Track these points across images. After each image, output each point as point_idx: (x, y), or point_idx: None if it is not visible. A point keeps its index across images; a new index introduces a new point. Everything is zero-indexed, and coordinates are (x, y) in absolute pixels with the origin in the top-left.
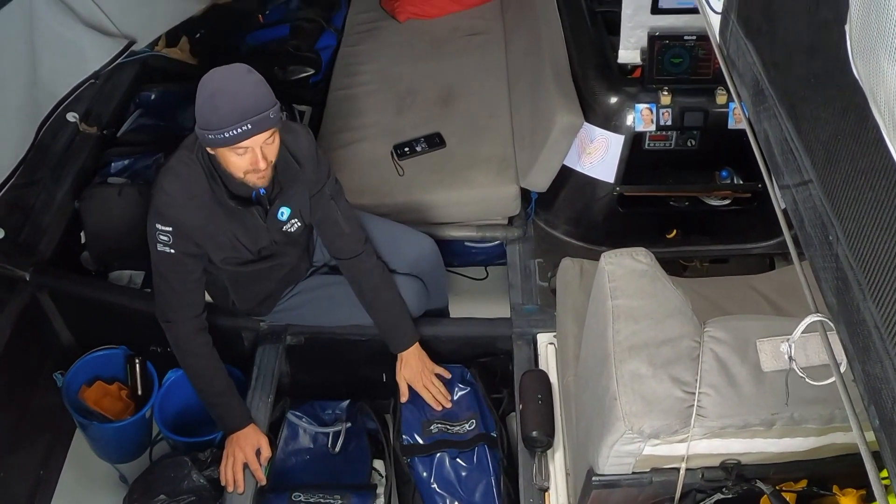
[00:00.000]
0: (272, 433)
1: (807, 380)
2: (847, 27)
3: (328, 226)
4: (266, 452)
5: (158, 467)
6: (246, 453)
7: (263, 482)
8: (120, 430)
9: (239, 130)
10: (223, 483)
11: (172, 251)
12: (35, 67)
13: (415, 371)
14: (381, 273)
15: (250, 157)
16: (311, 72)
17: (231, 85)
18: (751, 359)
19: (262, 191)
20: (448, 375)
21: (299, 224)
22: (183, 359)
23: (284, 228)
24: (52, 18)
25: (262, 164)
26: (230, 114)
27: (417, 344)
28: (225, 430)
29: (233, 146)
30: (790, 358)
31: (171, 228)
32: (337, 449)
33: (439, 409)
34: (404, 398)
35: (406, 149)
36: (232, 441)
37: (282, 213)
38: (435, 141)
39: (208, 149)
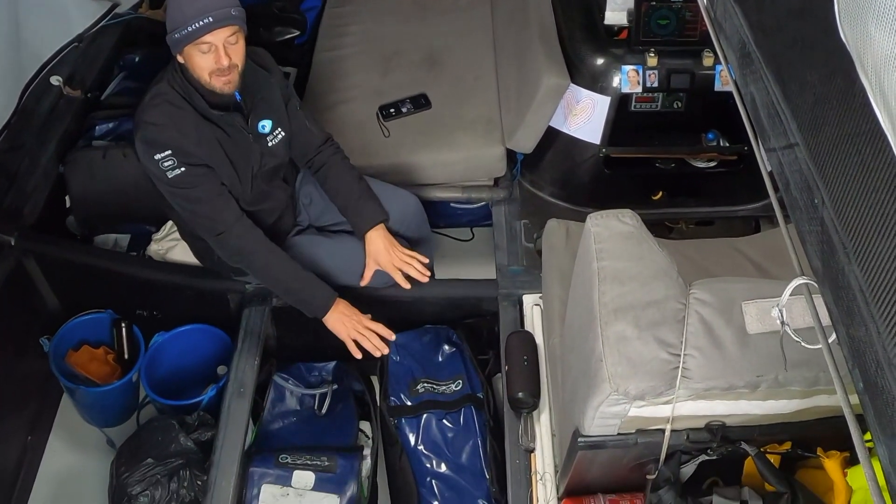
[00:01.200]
0: (259, 396)
1: (802, 343)
2: None
3: (300, 132)
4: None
5: (146, 431)
6: (362, 322)
7: (393, 337)
8: (107, 394)
9: (201, 23)
10: (375, 353)
11: (183, 169)
12: (18, 31)
13: (381, 251)
14: (343, 159)
15: (214, 56)
16: (297, 33)
17: None
18: (736, 321)
19: (237, 96)
20: (425, 259)
21: (283, 134)
22: (248, 261)
23: (269, 143)
24: None
25: (225, 61)
26: (193, 9)
27: (383, 226)
28: (317, 314)
29: (196, 41)
30: (783, 322)
31: (169, 151)
32: (323, 410)
33: (424, 279)
34: (365, 282)
35: (392, 110)
36: (339, 323)
37: (263, 126)
38: (420, 102)
39: (178, 57)
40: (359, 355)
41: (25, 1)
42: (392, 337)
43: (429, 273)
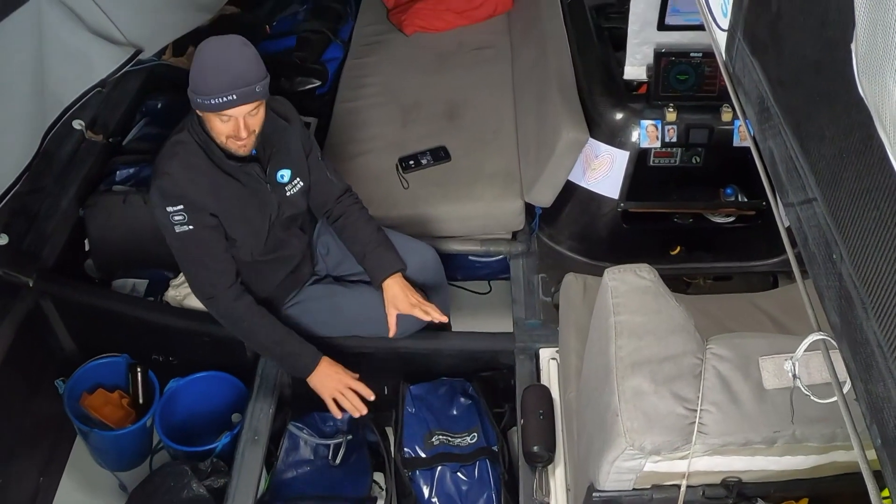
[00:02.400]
0: (273, 445)
1: (812, 397)
2: (853, 46)
3: (321, 183)
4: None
5: (158, 476)
6: (343, 381)
7: (372, 397)
8: (120, 438)
9: (224, 99)
10: (354, 414)
11: (191, 227)
12: (42, 74)
13: (398, 295)
14: (361, 209)
15: (233, 125)
16: (318, 83)
17: (223, 54)
18: (753, 376)
19: (253, 151)
20: (442, 317)
21: (301, 184)
22: (234, 326)
23: (288, 192)
24: (59, 26)
25: (244, 134)
26: (218, 82)
27: (400, 275)
28: (301, 374)
29: (217, 113)
30: (794, 376)
31: (181, 206)
32: (338, 461)
33: (437, 320)
34: (392, 331)
35: (411, 162)
36: (320, 383)
37: (282, 176)
38: (440, 154)
39: (197, 111)
40: (339, 415)
41: (49, 45)
42: (371, 397)
43: (445, 316)
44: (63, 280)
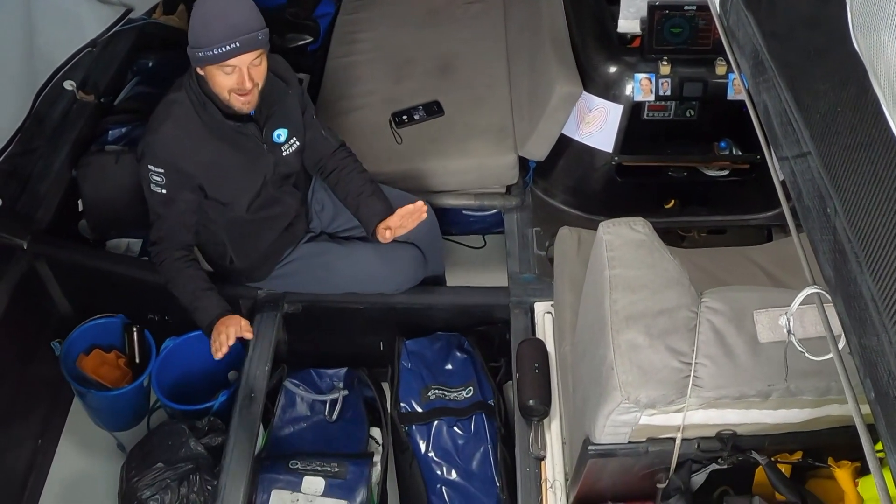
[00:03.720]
0: (269, 402)
1: (806, 354)
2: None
3: (315, 140)
4: (249, 329)
5: (156, 435)
6: (233, 325)
7: (251, 335)
8: (118, 398)
9: (228, 48)
10: (212, 351)
11: (164, 191)
12: (32, 36)
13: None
14: (354, 162)
15: (237, 77)
16: (310, 39)
17: (222, 4)
18: (747, 330)
19: (252, 112)
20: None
21: (297, 144)
22: (164, 273)
23: (284, 152)
24: None
25: (248, 84)
26: (220, 31)
27: None
28: (207, 322)
29: (220, 64)
30: (789, 331)
31: (163, 170)
32: (334, 417)
33: (423, 215)
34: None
35: (404, 117)
36: (217, 324)
37: (278, 136)
38: (433, 109)
39: (197, 69)
40: (217, 356)
41: (39, 6)
42: (247, 335)
43: (424, 209)
44: (57, 241)
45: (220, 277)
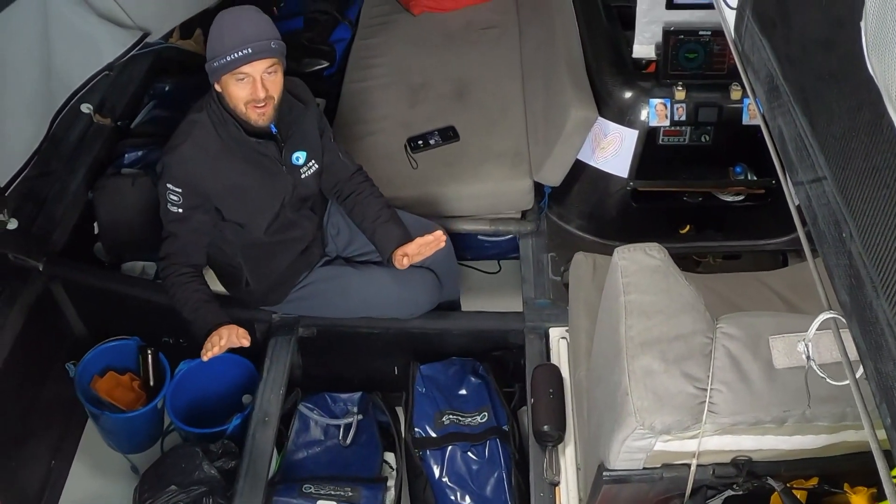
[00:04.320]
0: (283, 426)
1: (827, 380)
2: (862, 23)
3: (333, 164)
4: (247, 336)
5: (170, 458)
6: (230, 332)
7: (247, 342)
8: (131, 420)
9: (240, 53)
10: (202, 352)
11: (180, 210)
12: (50, 59)
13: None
14: (371, 187)
15: (251, 87)
16: (326, 64)
17: (237, 16)
18: (763, 356)
19: (273, 128)
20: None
21: (316, 166)
22: (168, 286)
23: (303, 174)
24: (67, 10)
25: (261, 93)
26: (233, 39)
27: None
28: (205, 331)
29: (234, 71)
30: (808, 357)
31: (181, 189)
32: (348, 441)
33: (441, 244)
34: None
35: (420, 142)
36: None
37: (297, 158)
38: (449, 134)
39: (216, 85)
40: (205, 357)
41: (57, 29)
42: (245, 343)
43: (444, 237)
44: (72, 263)
45: (236, 301)
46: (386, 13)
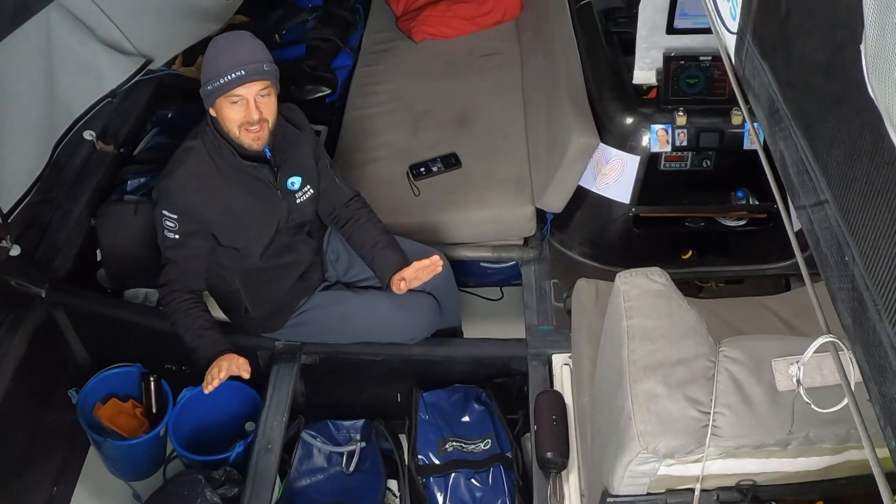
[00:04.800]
0: (286, 453)
1: (812, 406)
2: (862, 47)
3: (329, 189)
4: (247, 367)
5: (172, 485)
6: (230, 362)
7: (247, 374)
8: (134, 447)
9: (233, 76)
10: (203, 384)
11: (177, 237)
12: (52, 85)
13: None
14: (370, 213)
15: (244, 110)
16: (328, 91)
17: (231, 41)
18: (766, 379)
19: (267, 152)
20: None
21: (311, 192)
22: (169, 313)
23: (298, 199)
24: (69, 37)
25: (255, 115)
26: (226, 62)
27: None
28: (206, 360)
29: (227, 94)
30: (798, 381)
31: (176, 216)
32: (351, 468)
33: (439, 268)
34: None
35: (422, 169)
36: (214, 361)
37: (292, 183)
38: (451, 161)
39: (210, 110)
40: (207, 390)
41: (59, 56)
42: (244, 373)
43: (440, 263)
44: (75, 290)
45: (237, 328)
46: (387, 40)
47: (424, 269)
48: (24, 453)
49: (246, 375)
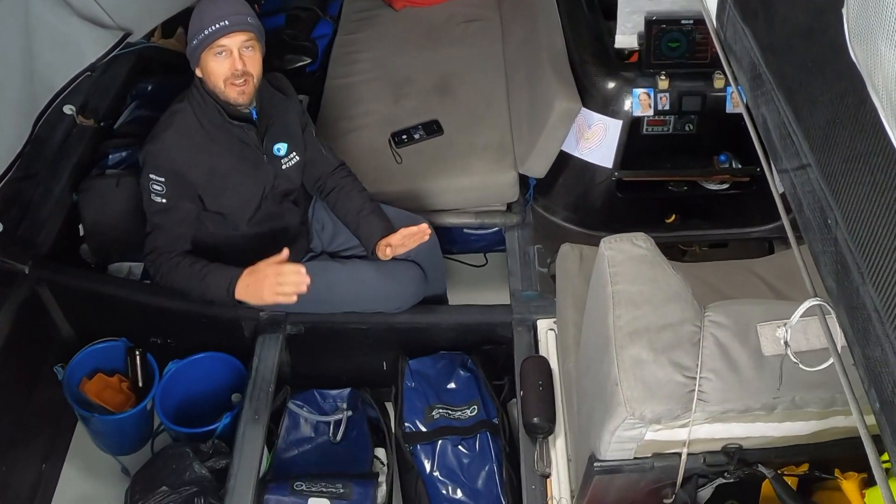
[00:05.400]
0: (273, 424)
1: (801, 366)
2: (844, 11)
3: (315, 158)
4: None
5: (160, 459)
6: (270, 279)
7: (303, 270)
8: (121, 422)
9: (217, 26)
10: (284, 297)
11: (164, 200)
12: (31, 61)
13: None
14: (354, 181)
15: (229, 63)
16: (308, 61)
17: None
18: (751, 343)
19: (254, 113)
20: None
21: (297, 159)
22: (160, 279)
23: (284, 165)
24: (47, 11)
25: (239, 65)
26: (210, 15)
27: None
28: (226, 286)
29: (212, 45)
30: (785, 343)
31: (164, 178)
32: (338, 437)
33: (426, 236)
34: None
35: (404, 136)
36: (252, 296)
37: (278, 149)
38: (433, 128)
39: (196, 71)
40: (293, 300)
41: (37, 31)
42: (302, 270)
43: (428, 230)
44: (59, 266)
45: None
46: (367, 8)
47: (412, 236)
48: (11, 431)
49: (302, 271)
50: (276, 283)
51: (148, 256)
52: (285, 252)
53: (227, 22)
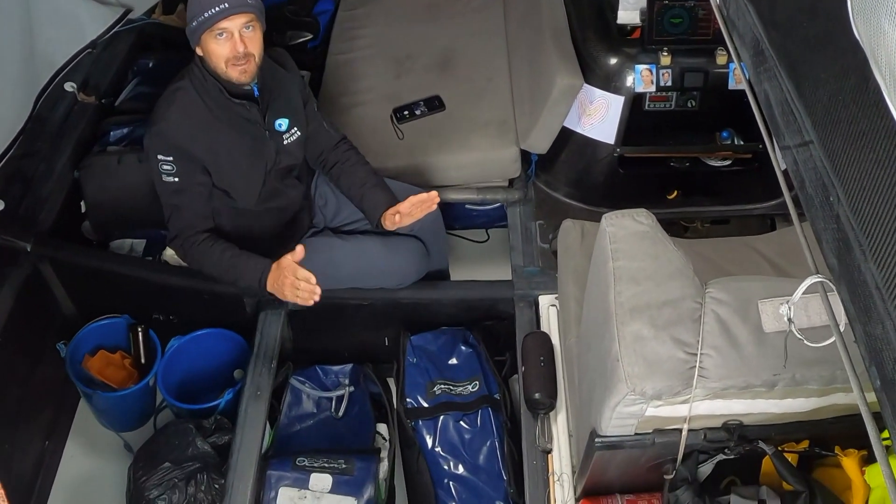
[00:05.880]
0: (275, 399)
1: (805, 342)
2: None
3: (317, 133)
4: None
5: (163, 435)
6: (290, 280)
7: (313, 280)
8: (124, 398)
9: (217, 9)
10: (308, 303)
11: (176, 179)
12: (32, 38)
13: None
14: (357, 155)
15: (230, 45)
16: (309, 36)
17: None
18: (752, 320)
19: (255, 90)
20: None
21: (299, 134)
22: (190, 262)
23: (286, 141)
24: None
25: (240, 48)
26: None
27: None
28: (258, 277)
29: (212, 27)
30: (789, 320)
31: (171, 157)
32: (340, 413)
33: (434, 205)
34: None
35: (405, 112)
36: (273, 280)
37: (280, 125)
38: (434, 104)
39: (197, 50)
40: (310, 301)
41: (38, 9)
42: (313, 280)
43: (437, 198)
44: (60, 243)
45: None
46: None
47: (421, 203)
48: (14, 408)
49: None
50: (293, 285)
51: (174, 241)
52: (300, 249)
53: (226, 4)
